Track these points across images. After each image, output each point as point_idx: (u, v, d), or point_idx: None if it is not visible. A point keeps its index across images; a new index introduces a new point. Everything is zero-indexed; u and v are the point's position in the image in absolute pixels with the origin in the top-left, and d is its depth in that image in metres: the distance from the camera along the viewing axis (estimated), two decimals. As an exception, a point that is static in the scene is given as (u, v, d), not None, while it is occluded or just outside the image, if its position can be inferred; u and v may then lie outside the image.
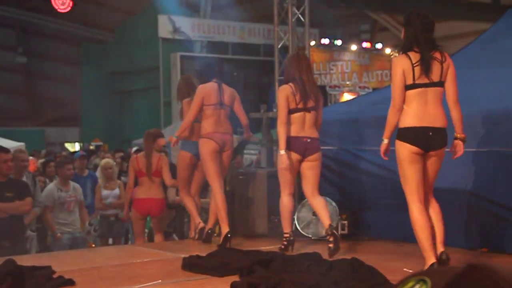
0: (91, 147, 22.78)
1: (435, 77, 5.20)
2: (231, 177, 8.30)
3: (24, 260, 5.50)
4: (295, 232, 7.44)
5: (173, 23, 21.98)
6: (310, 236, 7.42)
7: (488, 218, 6.36)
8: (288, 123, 6.35)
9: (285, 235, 6.56)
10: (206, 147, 6.87)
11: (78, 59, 27.69)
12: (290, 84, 6.41)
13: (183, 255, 5.84)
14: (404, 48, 5.31)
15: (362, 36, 25.04)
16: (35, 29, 26.39)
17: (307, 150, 6.42)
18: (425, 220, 5.19)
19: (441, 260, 5.17)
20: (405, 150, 5.24)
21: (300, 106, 6.37)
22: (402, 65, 5.19)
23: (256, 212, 7.78)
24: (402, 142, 5.26)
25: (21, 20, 25.73)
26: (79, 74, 27.82)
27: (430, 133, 5.21)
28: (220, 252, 6.04)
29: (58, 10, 6.89)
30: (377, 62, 23.11)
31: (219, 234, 7.09)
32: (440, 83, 5.24)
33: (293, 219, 7.51)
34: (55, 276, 5.19)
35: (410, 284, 0.96)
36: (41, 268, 5.27)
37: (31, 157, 10.79)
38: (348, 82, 22.60)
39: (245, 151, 12.34)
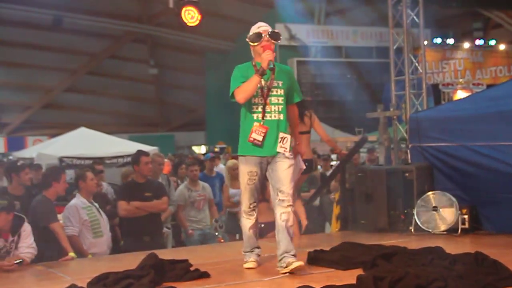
0: (216, 150, 23.23)
1: (307, 128, 6.91)
2: (350, 174, 8.23)
3: (164, 254, 5.63)
4: (415, 226, 7.29)
5: (289, 31, 22.08)
6: (430, 230, 7.23)
7: None
8: None
9: None
10: None
11: (203, 68, 28.30)
12: None
13: (307, 250, 5.81)
14: None
15: (474, 34, 24.01)
16: (165, 42, 27.26)
17: None
18: None
19: None
20: None
21: None
22: None
23: (376, 207, 7.67)
24: None
25: (152, 35, 26.65)
26: (203, 82, 28.45)
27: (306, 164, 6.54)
28: (343, 246, 5.97)
29: (188, 24, 7.11)
30: (490, 59, 22.21)
31: None
32: (309, 132, 6.99)
33: (412, 214, 7.35)
34: (192, 268, 5.29)
35: None
36: (180, 261, 5.39)
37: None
38: (461, 80, 21.86)
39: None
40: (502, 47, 22.29)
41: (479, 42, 22.23)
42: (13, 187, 7.88)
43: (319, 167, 11.38)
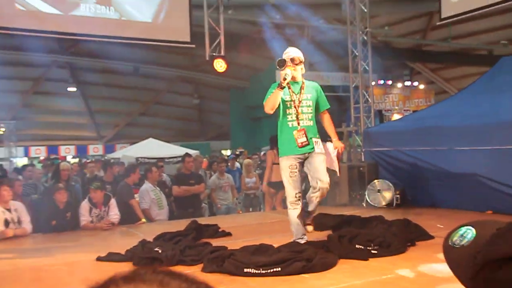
0: (237, 153, 23.18)
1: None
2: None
3: (202, 220, 5.67)
4: (366, 202, 7.26)
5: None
6: (376, 205, 7.20)
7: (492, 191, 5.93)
8: None
9: None
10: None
11: (228, 99, 28.33)
12: None
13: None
14: None
15: (404, 77, 24.02)
16: (203, 82, 27.29)
17: None
18: None
19: None
20: None
21: None
22: None
23: (341, 190, 7.65)
24: None
25: (195, 77, 26.73)
26: (229, 108, 28.47)
27: None
28: (318, 216, 5.93)
29: (218, 70, 7.11)
30: (414, 94, 22.14)
31: None
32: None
33: (364, 194, 7.32)
34: (220, 230, 5.32)
35: (460, 231, 0.82)
36: (212, 225, 5.42)
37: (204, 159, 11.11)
38: (396, 107, 21.71)
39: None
40: (421, 86, 22.30)
41: (407, 83, 22.19)
42: (107, 176, 7.96)
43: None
